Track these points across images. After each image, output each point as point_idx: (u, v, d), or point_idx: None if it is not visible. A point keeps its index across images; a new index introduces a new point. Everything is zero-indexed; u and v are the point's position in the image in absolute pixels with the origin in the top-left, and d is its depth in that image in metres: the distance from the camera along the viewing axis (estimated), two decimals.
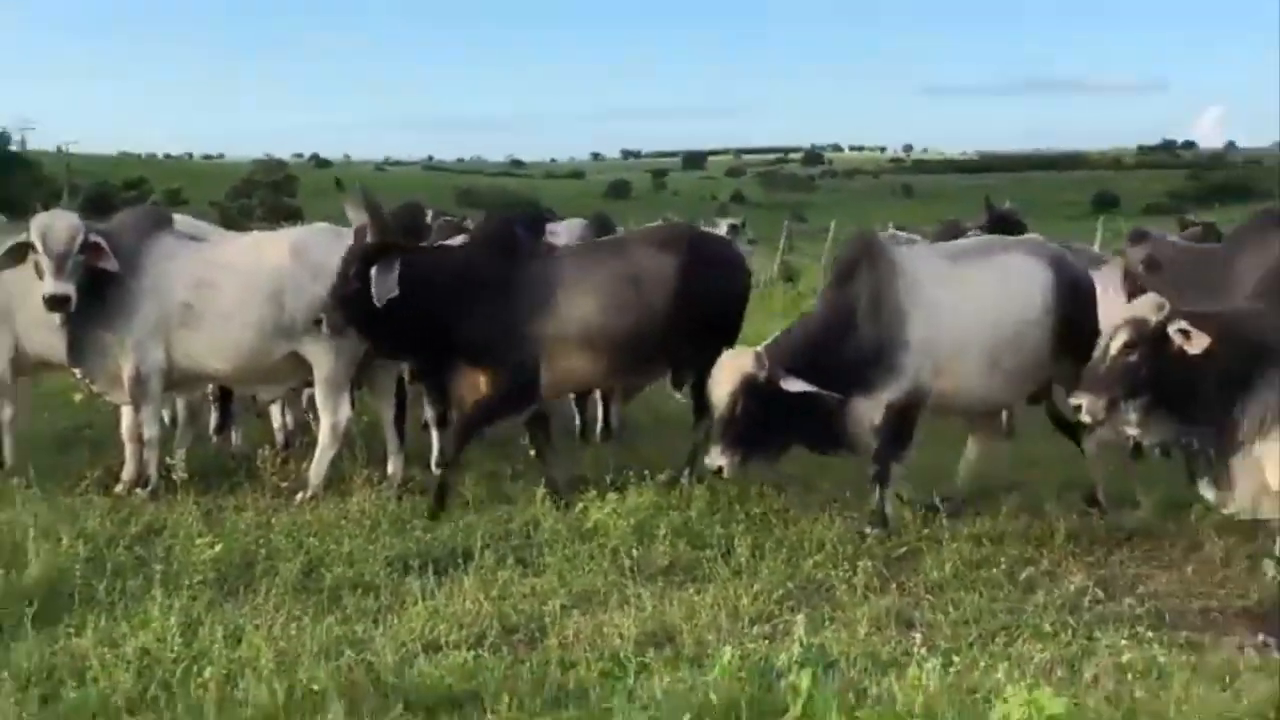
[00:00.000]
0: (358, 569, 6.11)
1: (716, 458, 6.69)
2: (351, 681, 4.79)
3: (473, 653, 5.11)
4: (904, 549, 6.82)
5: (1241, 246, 7.37)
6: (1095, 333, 7.26)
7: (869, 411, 7.04)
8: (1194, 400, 5.59)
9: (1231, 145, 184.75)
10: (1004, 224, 11.02)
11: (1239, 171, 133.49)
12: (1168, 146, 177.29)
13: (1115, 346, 5.66)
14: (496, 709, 4.58)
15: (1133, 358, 5.62)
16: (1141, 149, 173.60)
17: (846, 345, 7.00)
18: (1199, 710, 4.55)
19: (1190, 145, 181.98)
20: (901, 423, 7.16)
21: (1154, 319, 5.61)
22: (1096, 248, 16.22)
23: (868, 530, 6.96)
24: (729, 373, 6.70)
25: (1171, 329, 5.52)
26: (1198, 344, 5.46)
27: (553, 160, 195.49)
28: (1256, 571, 5.87)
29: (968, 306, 7.22)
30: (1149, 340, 5.59)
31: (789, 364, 6.77)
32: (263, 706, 4.50)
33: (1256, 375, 5.57)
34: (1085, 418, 5.86)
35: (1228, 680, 4.94)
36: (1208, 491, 5.75)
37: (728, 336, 7.91)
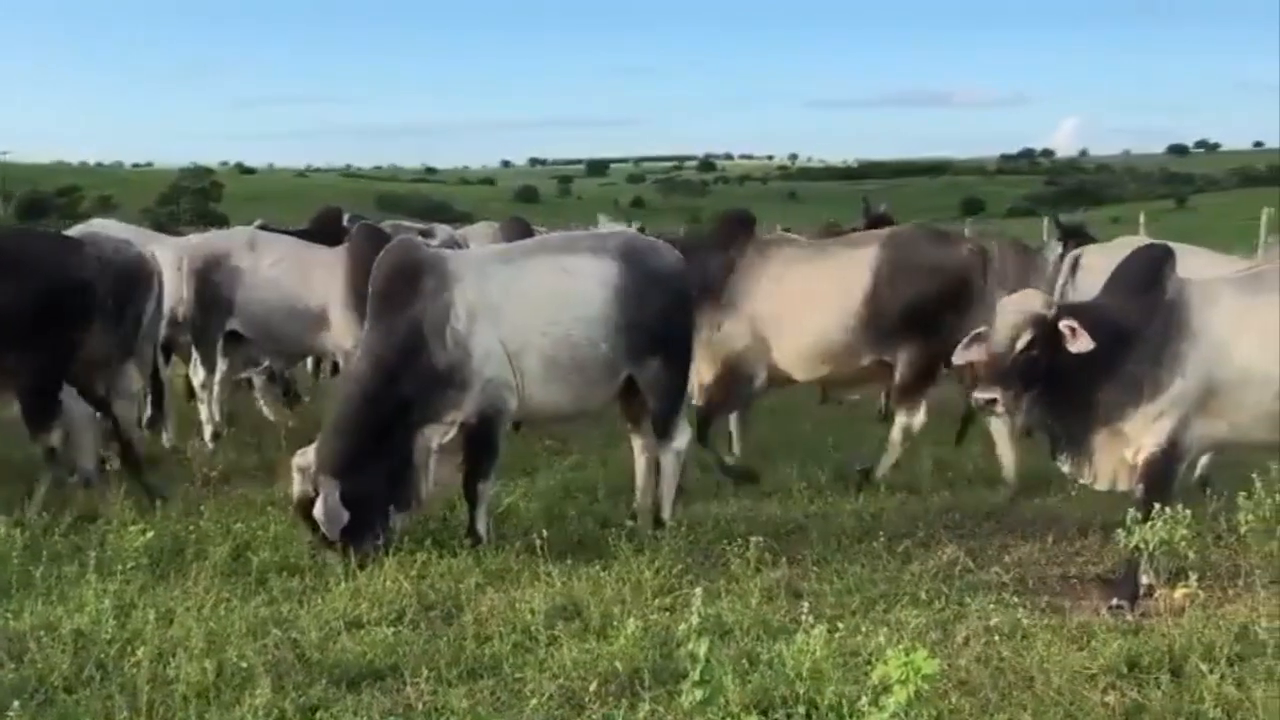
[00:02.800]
0: (283, 552, 6.02)
1: (987, 390, 5.82)
2: (278, 659, 4.74)
3: (393, 629, 5.06)
4: (792, 525, 6.87)
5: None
6: (686, 326, 6.76)
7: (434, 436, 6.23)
8: (1066, 387, 5.72)
9: (1085, 153, 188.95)
10: (881, 224, 11.15)
11: (1092, 177, 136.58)
12: (1028, 155, 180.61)
13: (1021, 342, 5.68)
14: (416, 681, 4.54)
15: (1034, 352, 5.69)
16: (1004, 157, 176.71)
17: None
18: (1059, 668, 4.63)
19: (1048, 153, 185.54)
20: (482, 441, 6.30)
21: (1047, 314, 5.70)
22: None
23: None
24: (1015, 307, 5.87)
25: (1062, 325, 5.62)
26: (1082, 344, 5.58)
27: (465, 167, 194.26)
28: (1110, 540, 5.98)
29: (522, 311, 6.33)
30: (1045, 335, 5.67)
31: None
32: (194, 684, 4.42)
33: (1115, 363, 5.71)
34: (999, 410, 5.85)
35: (1085, 640, 5.04)
36: (1066, 466, 5.89)
37: None
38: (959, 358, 6.18)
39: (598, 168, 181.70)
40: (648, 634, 4.86)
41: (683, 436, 6.73)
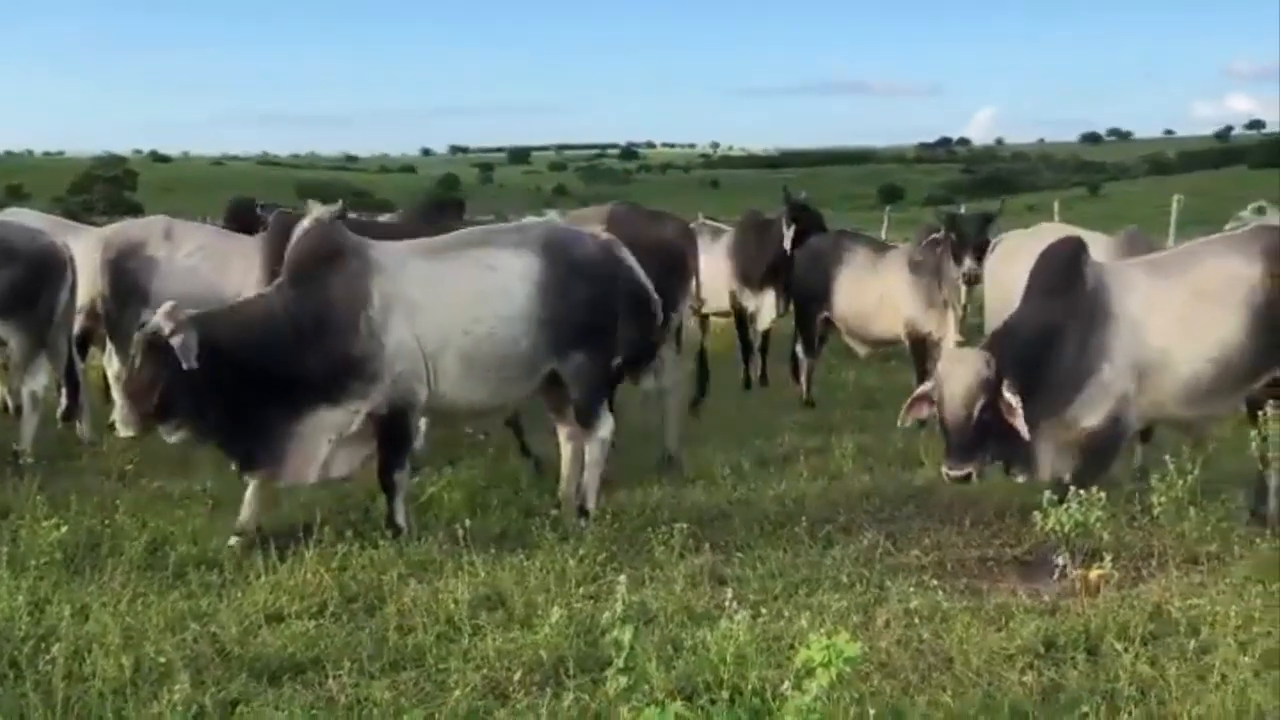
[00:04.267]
0: (202, 546, 5.92)
1: (959, 467, 5.88)
2: (197, 653, 4.66)
3: (314, 622, 5.00)
4: (716, 512, 6.89)
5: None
6: (609, 315, 6.56)
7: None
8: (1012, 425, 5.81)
9: (1001, 142, 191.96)
10: (803, 212, 11.20)
11: (1007, 165, 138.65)
12: (945, 144, 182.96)
13: (977, 410, 5.73)
14: (338, 674, 4.49)
15: (987, 415, 5.76)
16: (922, 145, 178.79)
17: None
18: (978, 649, 4.70)
19: (965, 142, 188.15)
20: (393, 431, 6.18)
21: (990, 376, 5.74)
22: (883, 235, 16.67)
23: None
24: (962, 374, 5.87)
25: (1005, 396, 5.70)
26: (1020, 424, 5.67)
27: (385, 155, 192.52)
28: (1027, 523, 6.07)
29: (444, 310, 6.18)
30: (995, 393, 5.73)
31: None
32: (111, 680, 4.34)
33: (1050, 367, 5.83)
34: (975, 480, 5.91)
35: (1003, 621, 5.11)
36: (1021, 477, 5.95)
37: None
38: (905, 420, 6.26)
39: (519, 155, 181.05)
40: (572, 623, 4.85)
41: (606, 425, 6.66)
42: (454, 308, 6.16)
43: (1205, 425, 6.83)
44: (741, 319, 11.84)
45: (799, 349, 10.97)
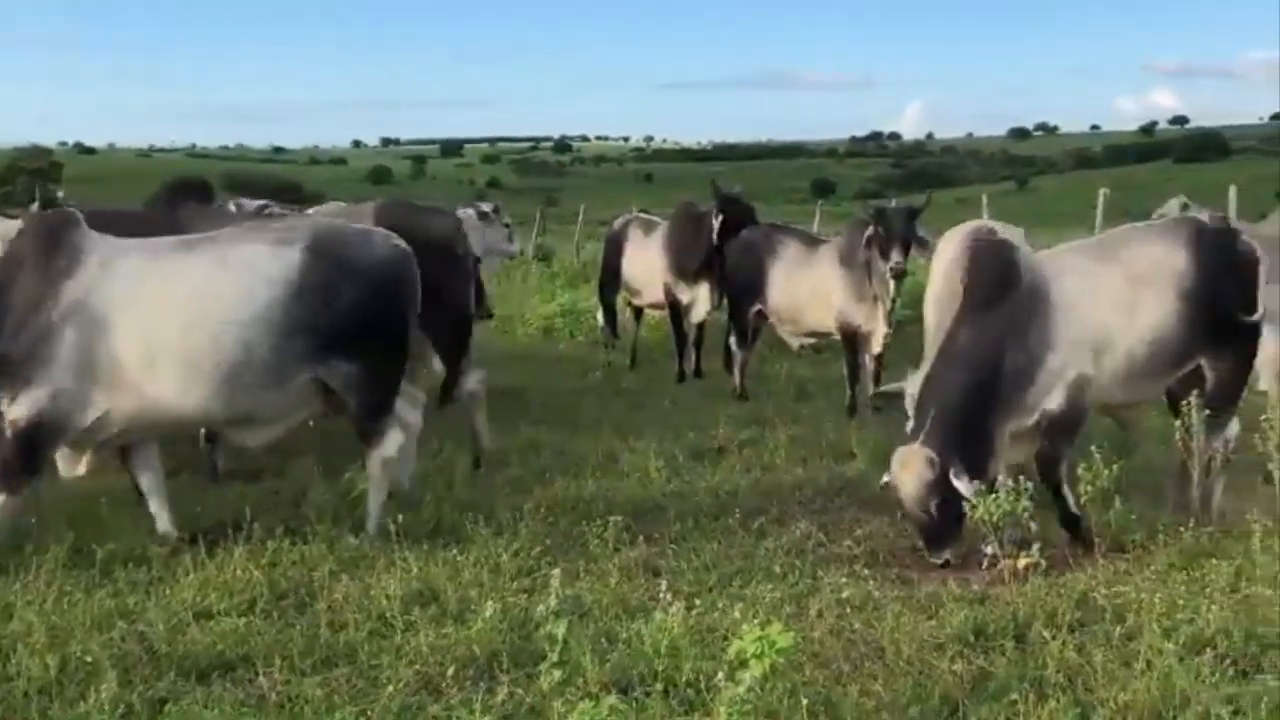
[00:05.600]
0: (128, 543, 5.83)
1: (937, 556, 5.86)
2: (124, 652, 4.59)
3: (244, 619, 4.94)
4: (650, 504, 6.90)
5: None
6: (393, 321, 6.13)
7: None
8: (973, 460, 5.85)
9: (930, 136, 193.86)
10: (731, 205, 11.22)
11: (937, 159, 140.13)
12: (876, 138, 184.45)
13: (934, 506, 5.76)
14: (268, 671, 4.44)
15: (947, 507, 5.77)
16: (854, 139, 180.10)
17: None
18: (909, 638, 4.74)
19: (895, 137, 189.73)
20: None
21: (937, 475, 5.75)
22: (815, 229, 16.77)
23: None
24: (909, 481, 5.84)
25: (956, 482, 5.71)
26: (967, 490, 5.69)
27: (316, 147, 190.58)
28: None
29: (159, 310, 5.74)
30: (947, 482, 5.75)
31: None
32: (36, 680, 4.26)
33: (998, 371, 5.93)
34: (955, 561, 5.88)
35: (934, 610, 5.17)
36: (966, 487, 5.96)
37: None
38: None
39: (452, 148, 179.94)
40: (506, 617, 4.83)
41: (389, 442, 6.18)
42: (169, 309, 5.72)
43: (1134, 412, 6.95)
44: (676, 312, 11.86)
45: (732, 342, 11.01)
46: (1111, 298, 6.17)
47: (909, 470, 5.81)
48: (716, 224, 11.05)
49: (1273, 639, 4.54)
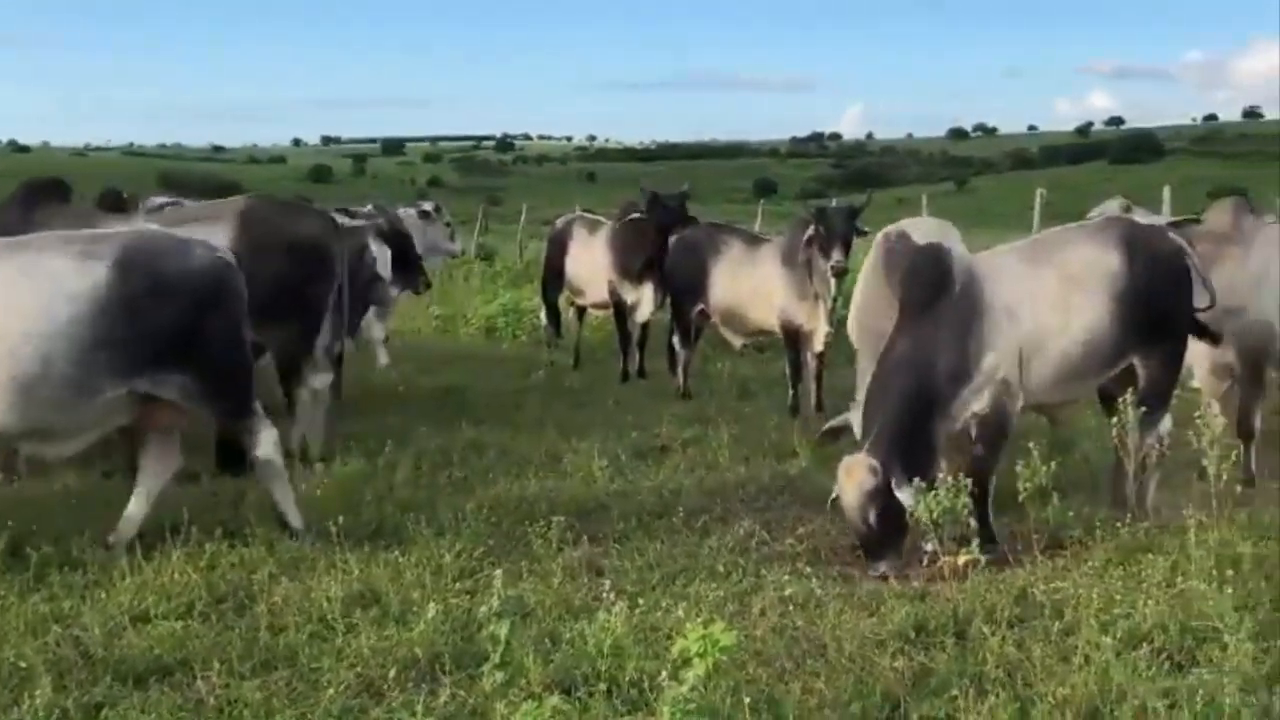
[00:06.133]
0: (64, 546, 5.73)
1: (876, 568, 5.80)
2: (59, 657, 4.52)
3: (181, 622, 4.87)
4: (594, 504, 6.89)
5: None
6: (222, 330, 5.90)
7: None
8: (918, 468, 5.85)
9: (871, 136, 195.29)
10: (656, 206, 11.23)
11: (877, 160, 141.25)
12: (817, 138, 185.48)
13: (874, 518, 5.75)
14: (206, 675, 4.38)
15: (887, 517, 5.76)
16: (795, 140, 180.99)
17: None
18: (851, 634, 4.77)
19: (836, 137, 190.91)
20: None
21: (879, 483, 5.75)
22: (757, 228, 16.84)
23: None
24: (852, 490, 5.84)
25: (898, 492, 5.71)
26: (907, 499, 5.69)
27: (254, 145, 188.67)
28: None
29: None
30: (889, 493, 5.74)
31: None
32: None
33: (935, 373, 5.97)
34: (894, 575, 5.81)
35: (875, 607, 5.20)
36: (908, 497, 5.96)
37: None
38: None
39: (393, 147, 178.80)
40: (448, 618, 4.80)
41: (265, 441, 6.04)
42: None
43: (1067, 411, 7.03)
44: (620, 311, 11.86)
45: (675, 341, 11.03)
46: (1046, 299, 6.23)
47: (852, 479, 5.82)
48: (623, 221, 11.24)
49: (1208, 633, 4.60)
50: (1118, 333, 6.29)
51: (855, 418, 6.29)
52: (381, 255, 8.96)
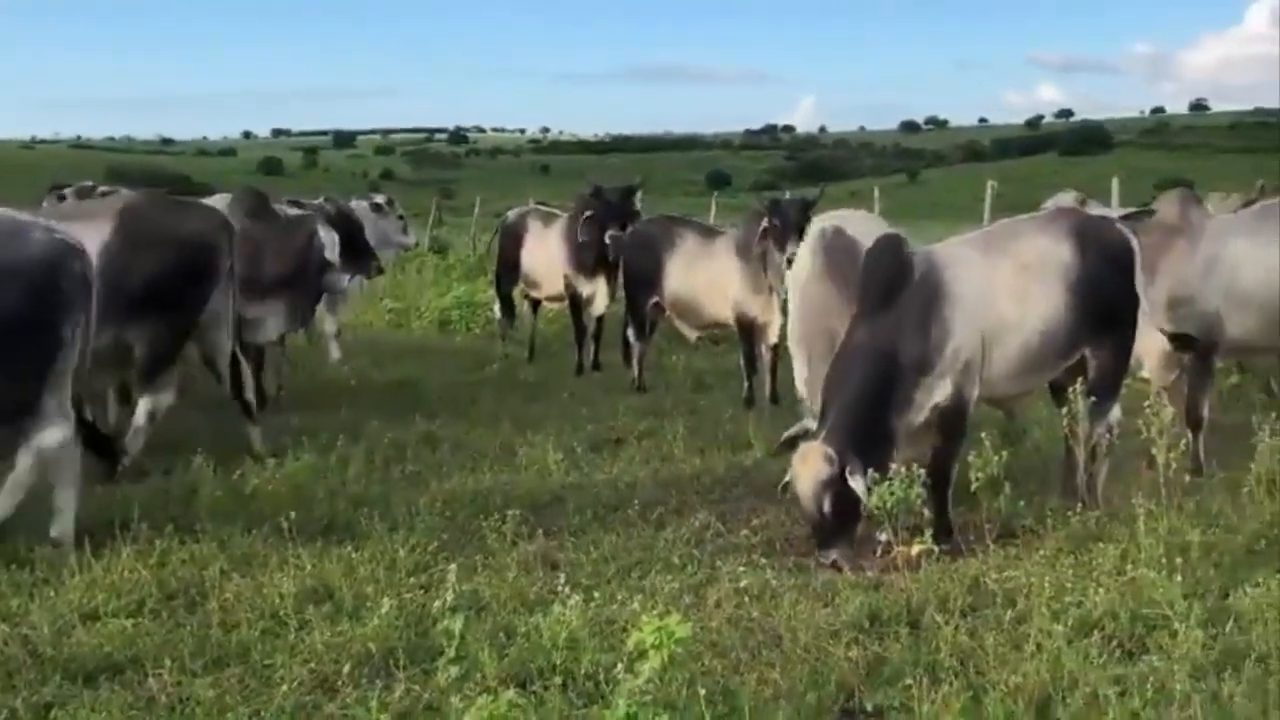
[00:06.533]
0: (10, 543, 5.65)
1: (826, 555, 5.80)
2: (8, 656, 4.46)
3: (132, 620, 4.82)
4: (549, 497, 6.88)
5: None
6: (27, 318, 5.68)
7: None
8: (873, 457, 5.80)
9: (823, 129, 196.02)
10: (597, 200, 11.26)
11: (830, 152, 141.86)
12: (770, 130, 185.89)
13: (828, 506, 5.73)
14: (158, 673, 4.33)
15: (840, 506, 5.75)
16: (748, 132, 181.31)
17: None
18: (805, 625, 4.79)
19: (789, 129, 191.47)
20: None
21: (834, 472, 5.73)
22: (711, 221, 16.87)
23: None
24: (806, 476, 5.82)
25: (851, 481, 5.70)
26: (860, 489, 5.69)
27: (204, 138, 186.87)
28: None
29: None
30: (843, 482, 5.73)
31: None
32: None
33: (886, 366, 5.95)
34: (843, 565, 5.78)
35: (830, 597, 5.22)
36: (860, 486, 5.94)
37: None
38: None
39: (345, 139, 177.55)
40: (402, 613, 4.78)
41: (50, 437, 5.80)
42: None
43: (1021, 403, 7.09)
44: (576, 304, 11.85)
45: (630, 334, 11.02)
46: (1004, 289, 6.26)
47: (807, 466, 5.82)
48: (581, 221, 11.21)
49: (1158, 620, 4.65)
50: (1073, 323, 6.33)
51: (811, 424, 6.28)
52: (329, 239, 8.89)
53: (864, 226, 7.08)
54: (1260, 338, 7.48)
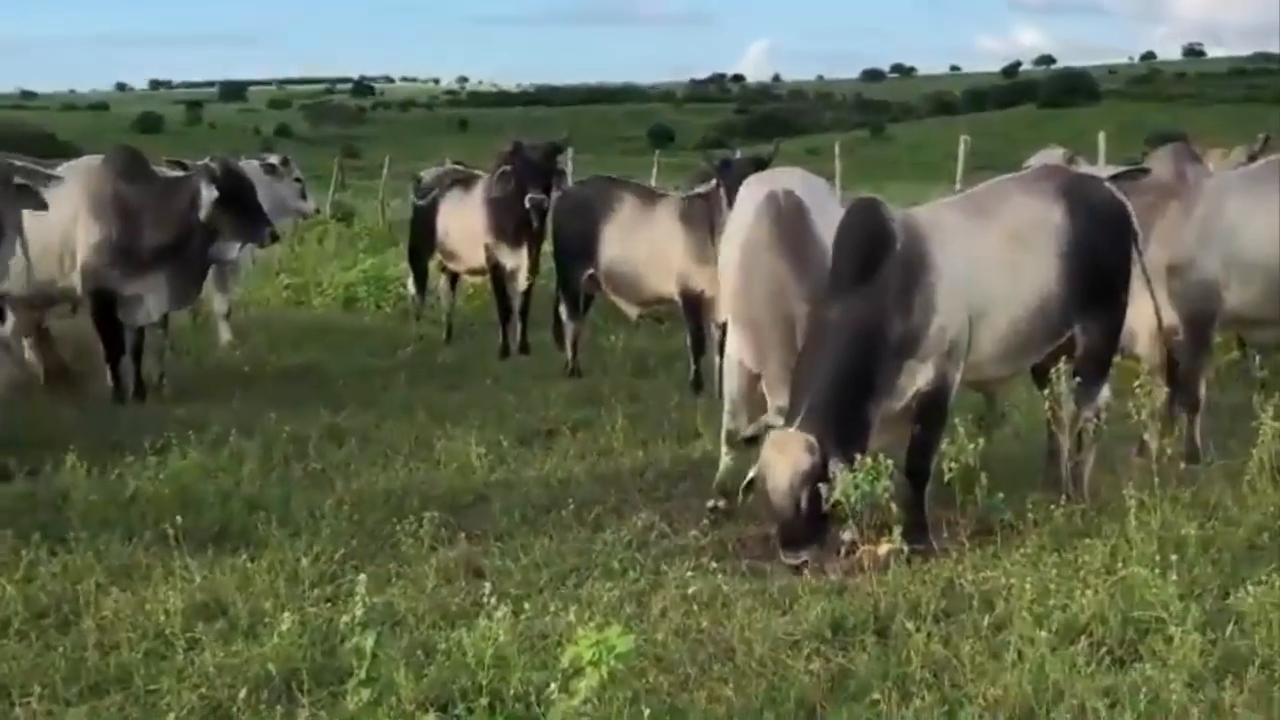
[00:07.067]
0: None
1: (794, 557, 5.78)
2: None
3: None
4: (472, 497, 6.88)
5: None
6: None
7: None
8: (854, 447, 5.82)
9: (777, 79, 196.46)
10: (517, 158, 11.21)
11: (785, 105, 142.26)
12: (718, 80, 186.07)
13: (805, 501, 5.71)
14: (26, 701, 4.30)
15: (819, 502, 5.73)
16: (693, 83, 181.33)
17: None
18: (761, 636, 4.82)
19: (739, 79, 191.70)
20: None
21: (816, 462, 5.72)
22: (653, 182, 16.88)
23: None
24: (784, 468, 5.78)
25: (832, 469, 5.69)
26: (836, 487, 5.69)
27: (72, 91, 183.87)
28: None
29: None
30: (820, 478, 5.72)
31: None
32: None
33: (874, 339, 5.96)
34: (810, 568, 5.77)
35: (788, 604, 5.27)
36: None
37: None
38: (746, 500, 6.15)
39: (234, 91, 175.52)
40: (306, 631, 4.77)
41: None
42: None
43: (1006, 386, 7.14)
44: (499, 278, 11.81)
45: (563, 311, 11.00)
46: (993, 259, 6.26)
47: (786, 456, 5.79)
48: (496, 179, 11.19)
49: (1151, 624, 4.74)
50: (1067, 297, 6.36)
51: (774, 419, 6.28)
52: (208, 196, 8.81)
53: (807, 190, 7.01)
54: (1262, 309, 7.60)
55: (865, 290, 6.02)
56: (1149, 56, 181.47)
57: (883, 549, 5.67)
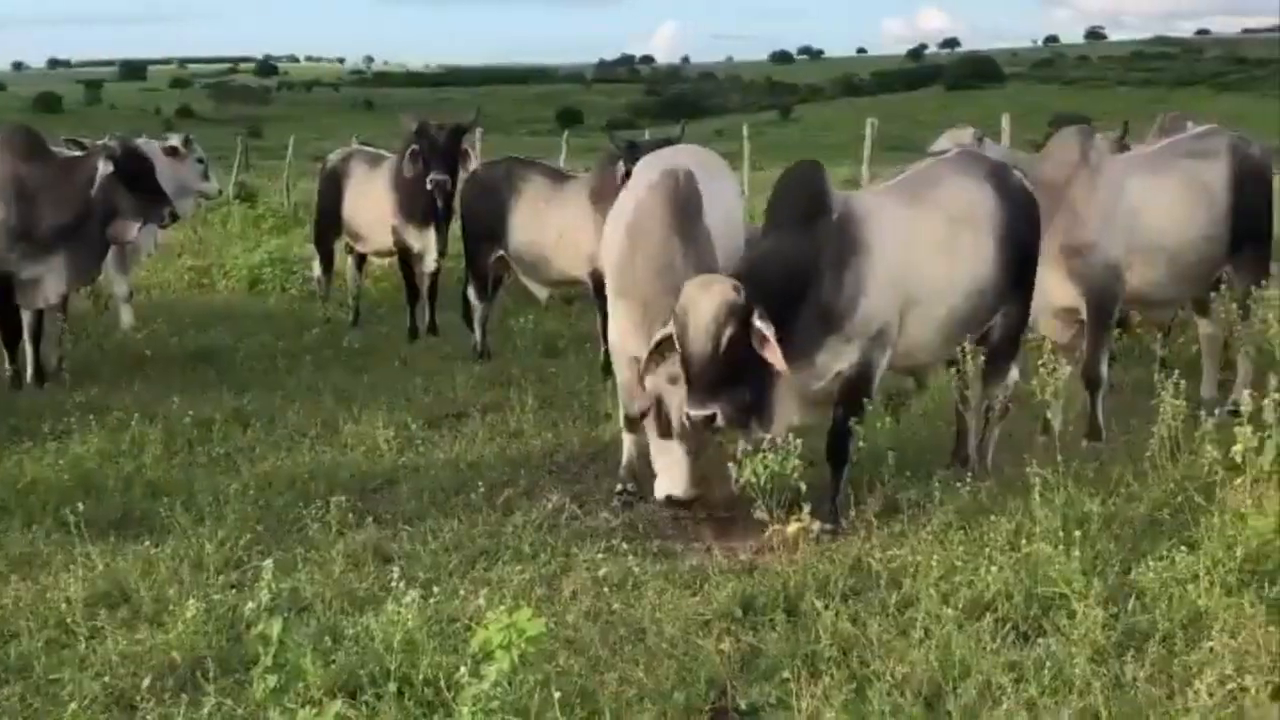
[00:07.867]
0: None
1: (702, 407, 5.62)
2: None
3: None
4: (379, 480, 6.83)
5: None
6: None
7: None
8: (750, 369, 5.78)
9: (687, 60, 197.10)
10: (427, 139, 11.11)
11: (694, 86, 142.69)
12: (627, 61, 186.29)
13: (725, 340, 5.62)
14: None
15: (735, 350, 5.65)
16: (602, 63, 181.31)
17: None
18: (672, 617, 4.85)
19: (648, 60, 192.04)
20: None
21: (740, 302, 5.65)
22: (562, 163, 16.84)
23: None
24: (708, 302, 5.64)
25: (756, 324, 5.64)
26: (775, 358, 5.63)
27: None
28: (722, 479, 6.26)
29: None
30: (745, 325, 5.64)
31: None
32: None
33: (798, 302, 5.91)
34: (720, 424, 5.70)
35: (699, 585, 5.30)
36: (757, 433, 5.91)
37: None
38: (648, 379, 6.06)
39: (134, 70, 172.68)
40: (210, 617, 4.74)
41: None
42: None
43: (932, 370, 7.19)
44: (406, 260, 11.72)
45: (471, 293, 10.94)
46: (933, 247, 6.27)
47: (710, 290, 5.67)
48: (408, 160, 11.10)
49: (1055, 599, 4.81)
50: (1001, 281, 6.43)
51: (666, 387, 6.21)
52: (105, 174, 8.66)
53: (703, 167, 6.93)
54: (1163, 289, 7.74)
55: (798, 239, 5.99)
56: (1052, 40, 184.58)
57: (791, 528, 5.70)
